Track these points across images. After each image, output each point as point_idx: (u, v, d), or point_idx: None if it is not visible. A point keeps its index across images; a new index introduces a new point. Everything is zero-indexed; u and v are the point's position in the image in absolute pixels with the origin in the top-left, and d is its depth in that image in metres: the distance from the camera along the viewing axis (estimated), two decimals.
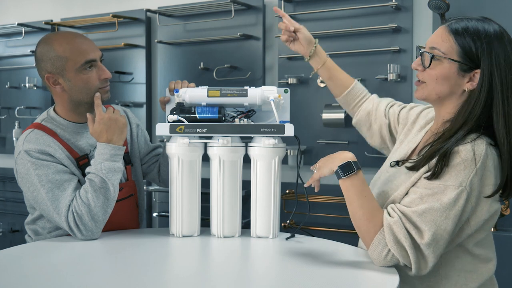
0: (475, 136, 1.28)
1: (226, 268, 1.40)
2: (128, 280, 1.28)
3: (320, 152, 2.76)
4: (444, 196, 1.26)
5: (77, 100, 1.75)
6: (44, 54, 1.72)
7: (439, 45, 1.33)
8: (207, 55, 3.05)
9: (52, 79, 1.73)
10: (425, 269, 1.29)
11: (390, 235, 1.28)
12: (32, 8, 3.69)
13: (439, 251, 1.28)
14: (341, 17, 2.71)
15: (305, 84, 2.80)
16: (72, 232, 1.62)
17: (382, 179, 1.49)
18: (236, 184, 1.70)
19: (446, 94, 1.35)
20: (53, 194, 1.63)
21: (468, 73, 1.31)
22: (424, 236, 1.26)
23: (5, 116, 3.71)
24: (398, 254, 1.27)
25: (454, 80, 1.33)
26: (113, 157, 1.66)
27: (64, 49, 1.70)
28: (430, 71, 1.35)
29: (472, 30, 1.30)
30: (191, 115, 1.68)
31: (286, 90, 1.74)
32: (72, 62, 1.69)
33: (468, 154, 1.25)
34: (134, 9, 3.27)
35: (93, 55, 1.72)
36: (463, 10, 2.44)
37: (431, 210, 1.26)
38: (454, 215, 1.26)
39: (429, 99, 1.39)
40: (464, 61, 1.30)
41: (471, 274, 1.36)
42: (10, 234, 3.61)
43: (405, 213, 1.29)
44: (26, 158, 1.66)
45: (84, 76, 1.71)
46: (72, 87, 1.72)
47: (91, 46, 1.74)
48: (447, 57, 1.32)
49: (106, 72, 1.75)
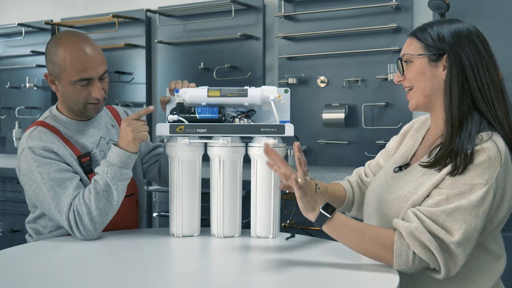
0: (490, 132, 1.31)
1: (226, 268, 1.40)
2: (128, 280, 1.28)
3: (320, 152, 2.76)
4: (471, 195, 1.27)
5: (68, 104, 1.76)
6: (49, 53, 1.73)
7: (406, 50, 1.43)
8: (207, 55, 3.05)
9: (50, 78, 1.76)
10: (455, 269, 1.28)
11: (414, 241, 1.27)
12: (32, 8, 3.69)
13: (469, 250, 1.28)
14: (341, 17, 2.71)
15: (305, 84, 2.80)
16: (72, 230, 1.63)
17: (389, 185, 1.46)
18: (236, 184, 1.70)
19: (430, 91, 1.40)
20: (54, 192, 1.63)
21: (439, 62, 1.38)
22: (455, 235, 1.26)
23: (5, 116, 3.71)
24: (427, 258, 1.27)
25: (429, 73, 1.39)
26: (123, 164, 1.65)
27: (65, 59, 1.68)
28: (408, 75, 1.42)
29: (430, 26, 1.41)
30: (191, 115, 1.68)
31: (286, 90, 1.74)
32: (68, 74, 1.69)
33: (491, 152, 1.28)
34: (134, 9, 3.27)
35: (92, 73, 1.69)
36: (463, 10, 2.44)
37: (460, 209, 1.26)
38: (482, 213, 1.27)
39: (420, 104, 1.43)
40: (429, 51, 1.38)
41: (485, 274, 1.38)
42: (10, 234, 3.61)
43: (433, 214, 1.28)
44: (30, 156, 1.66)
45: (76, 90, 1.70)
46: (64, 93, 1.74)
47: (94, 62, 1.69)
48: (414, 55, 1.40)
49: (98, 93, 1.71)
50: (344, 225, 1.34)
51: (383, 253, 1.31)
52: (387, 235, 1.31)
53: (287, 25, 2.84)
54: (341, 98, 2.72)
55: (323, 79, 2.76)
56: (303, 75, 2.79)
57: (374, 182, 1.54)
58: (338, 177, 2.64)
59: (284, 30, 2.85)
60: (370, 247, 1.32)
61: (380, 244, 1.31)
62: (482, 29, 1.40)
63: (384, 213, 1.41)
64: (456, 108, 1.34)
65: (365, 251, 1.34)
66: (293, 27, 2.83)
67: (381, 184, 1.49)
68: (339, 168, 2.72)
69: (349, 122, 2.70)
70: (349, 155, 2.69)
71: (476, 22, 1.43)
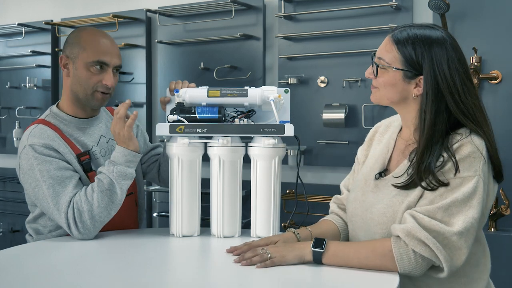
0: (468, 130, 1.33)
1: (226, 268, 1.40)
2: (128, 280, 1.28)
3: (320, 152, 2.76)
4: (463, 187, 1.29)
5: (75, 91, 1.77)
6: (70, 37, 1.79)
7: (384, 55, 1.41)
8: (207, 55, 3.05)
9: (64, 62, 1.79)
10: (459, 261, 1.27)
11: (413, 240, 1.28)
12: (32, 8, 3.69)
13: (470, 240, 1.29)
14: (341, 17, 2.71)
15: (305, 84, 2.80)
16: (69, 228, 1.62)
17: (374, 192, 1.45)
18: (236, 184, 1.70)
19: (397, 99, 1.41)
20: (53, 190, 1.64)
21: (413, 80, 1.38)
22: (454, 226, 1.26)
23: (5, 116, 3.71)
24: (428, 254, 1.27)
25: (401, 87, 1.39)
26: (128, 163, 1.67)
27: (86, 40, 1.75)
28: (379, 79, 1.43)
29: (413, 38, 1.37)
30: (191, 115, 1.68)
31: (286, 90, 1.74)
32: (86, 55, 1.73)
33: (473, 145, 1.31)
34: (134, 9, 3.27)
35: (108, 59, 1.74)
36: (463, 10, 2.44)
37: (455, 202, 1.28)
38: (477, 203, 1.29)
39: (383, 103, 1.45)
40: (407, 68, 1.37)
41: (480, 268, 1.40)
42: (10, 234, 3.61)
43: (430, 212, 1.29)
44: (31, 153, 1.67)
45: (89, 73, 1.74)
46: (75, 75, 1.76)
47: (112, 51, 1.76)
48: (390, 66, 1.39)
49: (110, 81, 1.75)
50: (340, 251, 1.36)
51: (384, 263, 1.31)
52: (383, 244, 1.32)
53: (287, 25, 2.84)
54: (341, 98, 2.72)
55: (323, 79, 2.76)
56: (303, 75, 2.79)
57: (356, 192, 1.52)
58: (338, 177, 2.64)
59: (284, 30, 2.85)
60: (371, 262, 1.33)
61: (379, 255, 1.32)
62: (482, 29, 1.40)
63: (376, 222, 1.39)
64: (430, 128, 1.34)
65: (368, 266, 1.34)
66: (293, 27, 2.83)
67: (365, 192, 1.48)
68: (339, 168, 2.72)
69: (349, 122, 2.70)
70: (349, 155, 2.67)
71: (476, 22, 1.43)
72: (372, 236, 1.40)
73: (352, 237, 1.51)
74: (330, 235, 1.55)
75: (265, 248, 1.39)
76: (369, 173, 1.51)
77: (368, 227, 1.42)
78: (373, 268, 1.33)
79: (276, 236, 1.53)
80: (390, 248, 1.31)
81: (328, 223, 1.61)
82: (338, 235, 1.58)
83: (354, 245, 1.38)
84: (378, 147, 1.56)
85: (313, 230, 1.55)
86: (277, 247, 1.41)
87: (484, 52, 2.38)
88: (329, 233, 1.56)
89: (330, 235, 1.54)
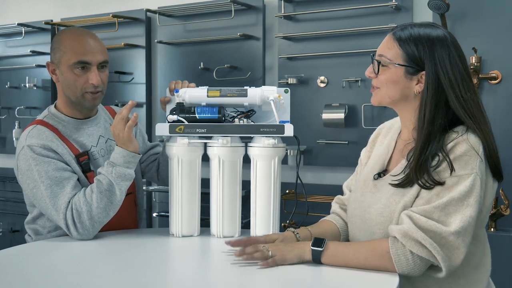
0: (464, 128, 1.33)
1: (226, 268, 1.40)
2: (128, 280, 1.28)
3: (320, 152, 2.76)
4: (460, 186, 1.28)
5: (67, 95, 1.78)
6: (53, 42, 1.79)
7: (385, 52, 1.41)
8: (207, 55, 3.05)
9: (51, 68, 1.79)
10: (457, 261, 1.27)
11: (410, 241, 1.28)
12: (32, 8, 3.69)
13: (468, 239, 1.28)
14: (341, 17, 2.71)
15: (305, 84, 2.80)
16: (68, 229, 1.62)
17: (373, 192, 1.45)
18: (236, 184, 1.70)
19: (398, 97, 1.41)
20: (52, 191, 1.63)
21: (415, 76, 1.38)
22: (451, 226, 1.26)
23: (5, 116, 3.71)
24: (425, 255, 1.27)
25: (403, 84, 1.39)
26: (127, 164, 1.66)
27: (66, 44, 1.74)
28: (380, 77, 1.42)
29: (415, 35, 1.37)
30: (191, 115, 1.68)
31: (286, 90, 1.74)
32: (67, 58, 1.73)
33: (469, 143, 1.30)
34: (134, 9, 3.27)
35: (90, 57, 1.72)
36: (463, 10, 2.44)
37: (452, 201, 1.27)
38: (474, 201, 1.28)
39: (384, 103, 1.45)
40: (409, 64, 1.37)
41: (480, 269, 1.40)
42: (10, 234, 3.61)
43: (427, 212, 1.28)
44: (29, 154, 1.67)
45: (74, 76, 1.73)
46: (63, 80, 1.76)
47: (93, 48, 1.73)
48: (392, 63, 1.39)
49: (95, 79, 1.73)
50: (339, 251, 1.36)
51: (382, 263, 1.31)
52: (382, 245, 1.32)
53: (287, 25, 2.84)
54: (341, 98, 2.72)
55: (323, 79, 2.76)
56: (303, 75, 2.79)
57: (356, 192, 1.53)
58: (338, 177, 2.64)
59: (284, 30, 2.85)
60: (370, 262, 1.33)
61: (377, 256, 1.32)
62: (482, 29, 1.40)
63: (375, 222, 1.40)
64: (429, 123, 1.34)
65: (367, 267, 1.34)
66: (293, 27, 2.83)
67: (364, 193, 1.48)
68: (339, 168, 2.72)
69: (349, 122, 2.70)
70: (349, 155, 2.68)
71: (476, 22, 1.43)
72: (371, 236, 1.40)
73: (352, 238, 1.51)
74: (330, 235, 1.55)
75: (266, 245, 1.40)
76: (369, 174, 1.51)
77: (367, 227, 1.42)
78: (373, 269, 1.33)
79: (276, 234, 1.53)
80: (388, 249, 1.30)
81: (329, 223, 1.61)
82: (338, 236, 1.58)
83: (354, 245, 1.38)
84: (379, 148, 1.57)
85: (313, 230, 1.55)
86: (278, 245, 1.41)
87: (484, 52, 2.38)
88: (329, 233, 1.56)
89: (330, 235, 1.54)
